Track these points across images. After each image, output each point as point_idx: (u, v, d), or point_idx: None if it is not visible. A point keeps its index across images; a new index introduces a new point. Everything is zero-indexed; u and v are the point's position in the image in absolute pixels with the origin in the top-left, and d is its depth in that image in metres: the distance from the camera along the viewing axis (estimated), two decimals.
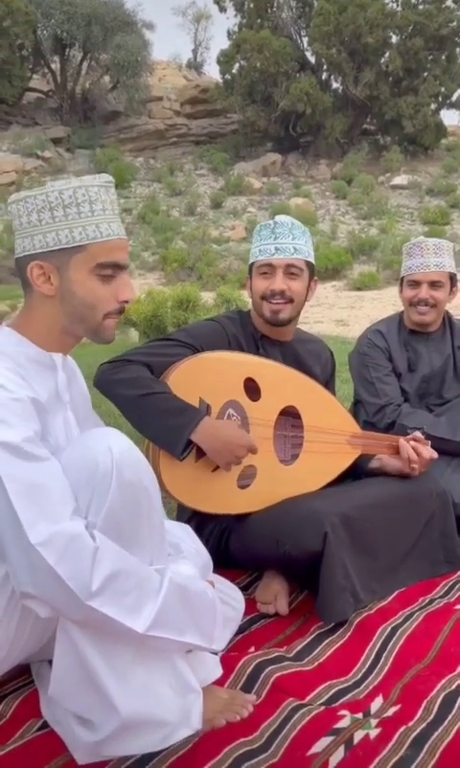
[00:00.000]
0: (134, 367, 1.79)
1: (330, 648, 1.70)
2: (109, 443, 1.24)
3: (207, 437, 1.70)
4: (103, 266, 1.34)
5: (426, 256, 2.49)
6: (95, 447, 1.24)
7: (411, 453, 2.01)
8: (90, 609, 1.16)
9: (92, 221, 1.33)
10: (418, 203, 22.63)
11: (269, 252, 1.99)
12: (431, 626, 1.77)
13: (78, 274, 1.33)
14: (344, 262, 15.59)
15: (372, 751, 1.32)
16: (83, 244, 1.32)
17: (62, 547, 1.15)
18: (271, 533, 1.80)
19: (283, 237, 1.99)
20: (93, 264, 1.34)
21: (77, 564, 1.15)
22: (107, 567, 1.17)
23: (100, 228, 1.33)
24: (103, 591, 1.16)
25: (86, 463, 1.23)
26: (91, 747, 1.27)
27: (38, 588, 1.17)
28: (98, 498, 1.21)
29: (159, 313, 6.12)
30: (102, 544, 1.18)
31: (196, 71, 35.03)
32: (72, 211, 1.31)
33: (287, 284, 1.99)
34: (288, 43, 25.87)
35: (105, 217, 1.35)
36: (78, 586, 1.15)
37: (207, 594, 1.37)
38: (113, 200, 1.38)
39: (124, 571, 1.19)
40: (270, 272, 2.00)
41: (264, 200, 22.86)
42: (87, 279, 1.34)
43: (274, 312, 2.01)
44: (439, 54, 25.66)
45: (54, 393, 1.40)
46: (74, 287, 1.34)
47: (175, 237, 18.59)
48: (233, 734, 1.36)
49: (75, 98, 28.22)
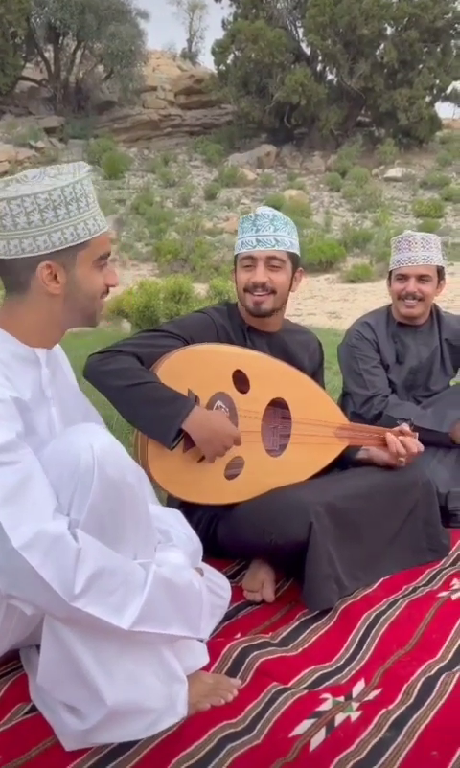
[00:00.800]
0: (124, 357, 1.80)
1: (314, 635, 1.73)
2: (90, 440, 1.23)
3: (197, 426, 1.72)
4: (101, 258, 1.37)
5: (415, 249, 2.51)
6: (76, 444, 1.24)
7: (399, 447, 2.04)
8: (74, 610, 1.17)
9: (89, 215, 1.33)
10: (412, 196, 22.63)
11: (251, 244, 2.00)
12: (414, 613, 1.81)
13: (83, 269, 1.35)
14: (338, 255, 15.60)
15: (352, 732, 1.35)
16: (87, 240, 1.33)
17: (45, 549, 1.15)
18: (258, 523, 1.83)
19: (264, 228, 2.00)
20: (95, 258, 1.36)
21: (59, 566, 1.15)
22: (90, 567, 1.17)
23: (97, 221, 1.35)
24: (86, 591, 1.17)
25: (67, 461, 1.22)
26: (79, 735, 1.29)
27: (21, 590, 1.18)
28: (80, 495, 1.21)
29: (151, 305, 6.12)
30: (84, 544, 1.18)
31: (191, 61, 34.82)
32: (73, 207, 1.30)
33: (269, 276, 2.00)
34: (284, 34, 25.76)
35: (96, 209, 1.36)
36: (61, 588, 1.15)
37: (193, 585, 1.38)
38: (92, 188, 1.39)
39: (107, 569, 1.20)
40: (252, 264, 2.02)
41: (258, 192, 22.81)
42: (90, 272, 1.36)
43: (256, 304, 2.03)
44: (434, 46, 25.61)
45: (38, 389, 1.39)
46: (80, 282, 1.35)
47: (169, 228, 18.55)
48: (218, 717, 1.39)
49: (68, 87, 28.05)
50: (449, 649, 1.65)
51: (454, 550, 2.19)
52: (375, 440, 2.09)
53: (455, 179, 23.71)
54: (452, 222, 19.79)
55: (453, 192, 21.99)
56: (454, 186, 22.80)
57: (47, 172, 1.35)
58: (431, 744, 1.32)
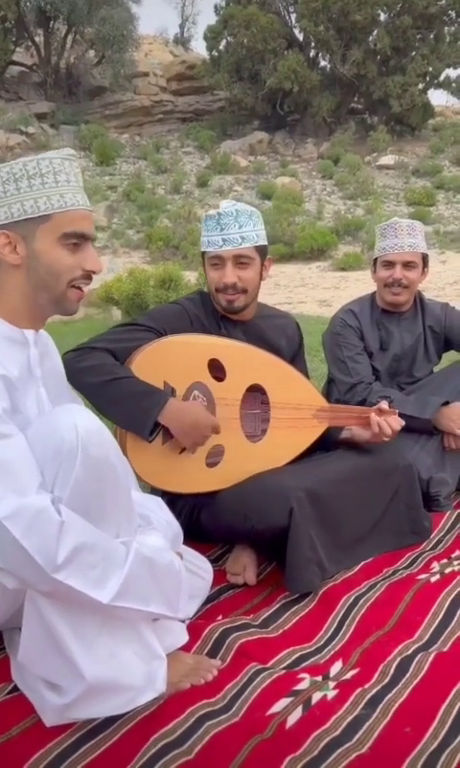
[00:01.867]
0: (97, 354, 1.81)
1: (295, 617, 1.76)
2: (75, 420, 1.25)
3: (173, 418, 1.74)
4: (68, 236, 1.36)
5: (401, 237, 2.52)
6: (60, 424, 1.26)
7: (383, 426, 2.06)
8: (56, 581, 1.19)
9: (56, 191, 1.35)
10: (404, 183, 22.60)
11: (217, 244, 2.00)
12: (393, 595, 1.83)
13: (44, 243, 1.35)
14: (329, 243, 15.59)
15: (328, 710, 1.38)
16: (49, 213, 1.34)
17: (28, 521, 1.17)
18: (239, 509, 1.85)
19: (228, 227, 1.98)
20: (59, 234, 1.36)
21: (42, 537, 1.18)
22: (73, 540, 1.20)
23: (64, 198, 1.35)
24: (68, 563, 1.19)
25: (52, 440, 1.24)
26: (58, 710, 1.32)
27: (5, 561, 1.20)
28: (63, 474, 1.23)
29: (141, 292, 6.11)
30: (67, 518, 1.20)
31: (183, 47, 34.51)
32: (36, 182, 1.33)
33: (238, 275, 2.00)
34: (276, 19, 25.57)
35: (70, 188, 1.37)
36: (43, 559, 1.17)
37: (173, 565, 1.41)
38: (77, 173, 1.41)
39: (89, 544, 1.22)
40: (220, 263, 2.01)
41: (250, 179, 22.72)
42: (53, 248, 1.36)
43: (229, 302, 2.03)
44: (427, 32, 25.48)
45: (25, 369, 1.41)
46: (40, 256, 1.36)
47: (161, 215, 18.47)
48: (197, 696, 1.42)
49: (59, 72, 27.77)
50: (426, 630, 1.68)
51: (435, 534, 2.22)
52: (354, 419, 2.11)
53: (447, 167, 23.68)
54: (444, 210, 19.79)
55: (445, 180, 21.97)
56: (446, 174, 22.77)
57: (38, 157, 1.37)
58: (405, 721, 1.35)
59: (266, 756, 1.26)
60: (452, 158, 24.37)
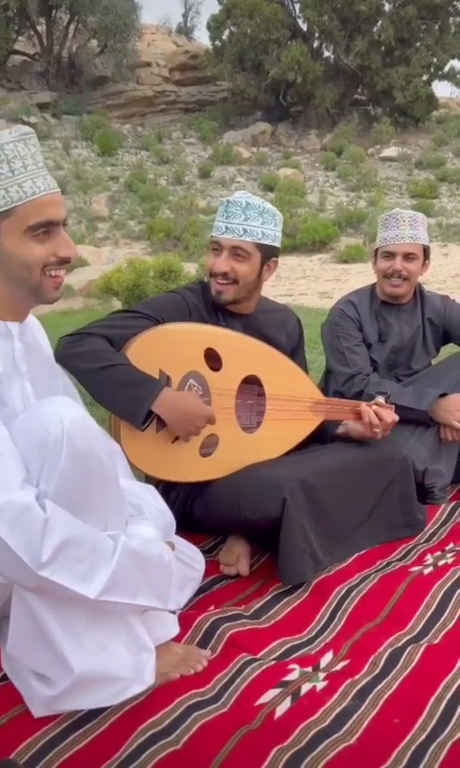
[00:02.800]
0: (93, 340, 1.79)
1: (287, 608, 1.76)
2: (60, 413, 1.24)
3: (167, 407, 1.73)
4: (34, 227, 1.29)
5: (402, 227, 2.50)
6: (45, 416, 1.24)
7: (373, 417, 2.05)
8: (41, 578, 1.18)
9: (13, 182, 1.27)
10: (407, 176, 22.49)
11: (220, 230, 1.98)
12: (386, 587, 1.83)
13: (11, 239, 1.29)
14: (331, 235, 15.53)
15: (317, 701, 1.38)
16: (9, 208, 1.27)
17: (12, 518, 1.16)
18: (232, 499, 1.85)
19: (234, 216, 1.96)
20: (24, 227, 1.29)
21: (27, 535, 1.16)
22: (58, 536, 1.18)
23: (23, 187, 1.27)
24: (53, 560, 1.18)
25: (37, 433, 1.23)
26: (47, 701, 1.31)
27: None
28: (48, 467, 1.22)
29: (141, 282, 6.10)
30: (52, 514, 1.19)
31: (186, 36, 34.28)
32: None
33: (231, 266, 1.97)
34: (280, 9, 25.39)
35: (28, 174, 1.29)
36: (28, 557, 1.16)
37: (163, 557, 1.39)
38: (34, 153, 1.31)
39: (75, 539, 1.21)
40: (219, 249, 1.99)
41: (252, 170, 22.63)
42: (22, 242, 1.30)
43: (218, 292, 2.01)
44: (432, 23, 25.29)
45: (10, 362, 1.39)
46: (9, 252, 1.30)
47: (162, 206, 18.42)
48: (186, 686, 1.42)
49: (61, 62, 27.62)
50: (418, 622, 1.68)
51: (430, 526, 2.21)
52: (350, 413, 2.10)
53: (451, 159, 23.56)
54: (447, 203, 19.71)
55: (448, 173, 21.86)
56: (450, 166, 22.65)
57: None
58: (394, 713, 1.35)
59: (254, 746, 1.26)
60: (456, 150, 24.25)
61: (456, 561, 1.97)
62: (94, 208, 18.55)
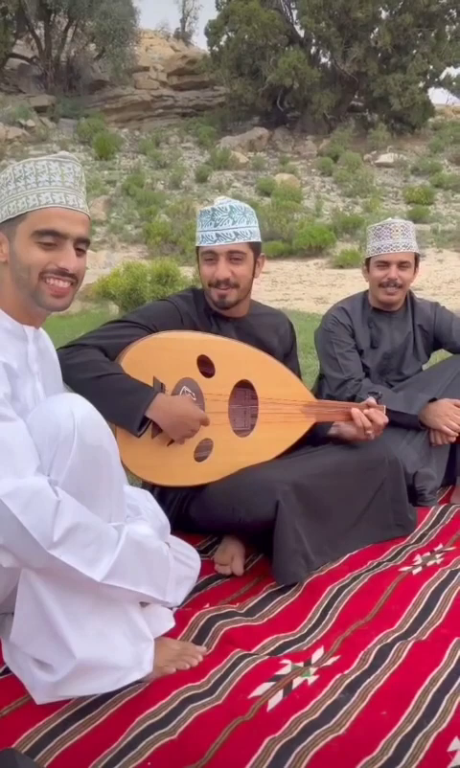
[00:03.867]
0: (88, 350, 1.86)
1: (280, 606, 1.81)
2: (72, 408, 1.32)
3: (161, 412, 1.79)
4: (40, 233, 1.40)
5: (395, 237, 2.57)
6: (58, 411, 1.32)
7: (365, 420, 2.11)
8: (51, 558, 1.25)
9: (34, 191, 1.41)
10: (403, 182, 22.59)
11: (211, 239, 2.03)
12: (376, 586, 1.89)
13: (21, 240, 1.41)
14: (327, 240, 15.60)
15: (308, 694, 1.43)
16: (24, 213, 1.40)
17: (26, 499, 1.23)
18: (227, 502, 1.90)
19: (222, 223, 2.02)
20: (31, 231, 1.40)
21: (39, 515, 1.24)
22: (68, 519, 1.26)
23: (40, 197, 1.41)
24: (63, 541, 1.25)
25: (49, 426, 1.31)
26: (49, 687, 1.37)
27: (3, 537, 1.25)
28: (60, 458, 1.30)
29: (138, 287, 6.15)
30: (63, 498, 1.27)
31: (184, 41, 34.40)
32: (20, 184, 1.41)
33: (231, 270, 2.03)
34: (277, 16, 25.48)
35: (50, 188, 1.41)
36: (40, 535, 1.23)
37: (162, 551, 1.47)
38: (65, 173, 1.43)
39: (83, 524, 1.28)
40: (214, 258, 2.05)
41: (249, 175, 22.69)
42: (27, 245, 1.41)
43: (221, 297, 2.07)
44: (428, 31, 25.40)
45: (24, 362, 1.46)
46: (17, 253, 1.41)
47: (159, 210, 18.44)
48: (182, 680, 1.47)
49: (59, 65, 27.68)
50: (406, 620, 1.73)
51: (420, 527, 2.27)
52: (341, 414, 2.16)
53: (446, 166, 23.66)
54: (442, 209, 19.80)
55: (444, 179, 21.95)
56: (445, 173, 22.75)
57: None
58: (382, 705, 1.40)
59: (247, 736, 1.31)
60: (451, 157, 24.36)
61: (445, 562, 2.03)
62: (91, 211, 18.51)
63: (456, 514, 2.38)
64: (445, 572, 1.95)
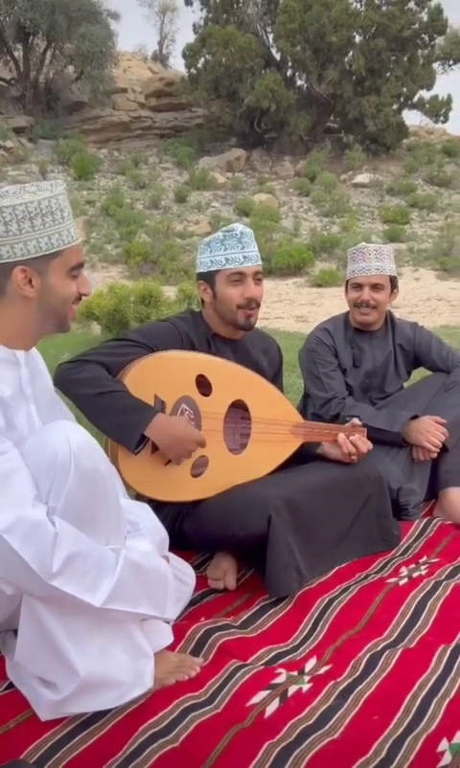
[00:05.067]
0: (92, 366, 1.93)
1: (273, 618, 1.87)
2: (67, 435, 1.37)
3: (159, 432, 1.86)
4: (74, 267, 1.50)
5: (368, 260, 2.68)
6: (54, 438, 1.37)
7: (349, 447, 2.20)
8: (52, 588, 1.30)
9: (64, 227, 1.47)
10: (379, 202, 22.98)
11: (238, 260, 2.13)
12: (365, 598, 1.96)
13: (57, 276, 1.48)
14: (306, 259, 15.81)
15: (304, 701, 1.50)
16: (60, 249, 1.47)
17: (25, 533, 1.28)
18: (221, 517, 1.97)
19: (248, 246, 2.14)
20: (68, 267, 1.49)
21: (38, 548, 1.28)
22: (66, 549, 1.30)
23: (71, 233, 1.49)
24: (63, 571, 1.30)
25: (46, 453, 1.35)
26: (53, 705, 1.41)
27: (4, 570, 1.31)
28: (57, 485, 1.34)
29: (121, 308, 6.21)
30: (61, 529, 1.31)
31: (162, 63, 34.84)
32: (48, 219, 1.44)
33: (259, 291, 2.17)
34: (254, 39, 25.94)
35: (70, 223, 1.50)
36: (40, 568, 1.28)
37: (160, 569, 1.52)
38: (69, 204, 1.53)
39: (82, 552, 1.33)
40: (241, 280, 2.14)
41: (228, 195, 22.94)
42: (63, 279, 1.49)
43: (248, 317, 2.17)
44: (401, 55, 26.01)
45: (17, 388, 1.52)
46: (54, 288, 1.48)
47: (139, 230, 18.58)
48: (182, 691, 1.53)
49: (38, 87, 27.87)
50: (395, 629, 1.81)
51: (405, 541, 2.35)
52: (328, 436, 2.24)
53: (421, 186, 24.13)
54: (418, 228, 20.16)
55: (419, 199, 22.38)
56: (420, 192, 23.20)
57: (26, 188, 1.48)
58: (374, 710, 1.47)
59: (246, 742, 1.37)
60: (426, 177, 24.85)
61: (429, 573, 2.11)
62: None
63: (439, 527, 2.47)
64: (430, 582, 2.03)
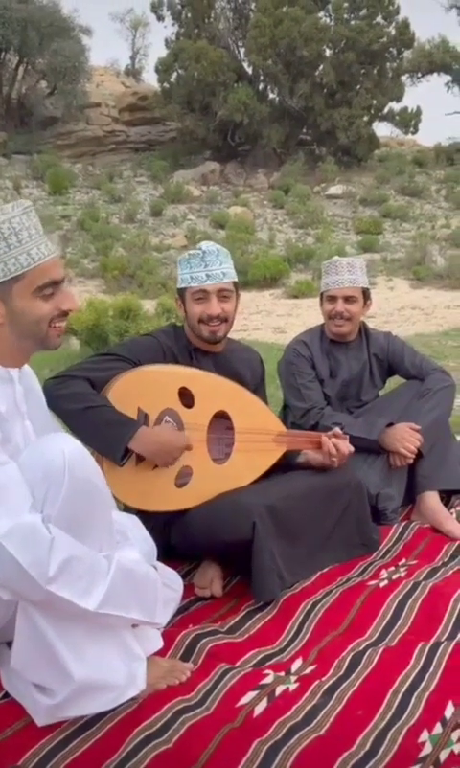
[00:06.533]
0: (76, 382, 1.99)
1: (259, 623, 1.94)
2: (62, 446, 1.43)
3: (143, 444, 1.92)
4: (42, 288, 1.50)
5: (341, 273, 2.78)
6: (49, 449, 1.43)
7: (331, 448, 2.27)
8: (48, 592, 1.35)
9: (22, 250, 1.46)
10: (352, 212, 23.26)
11: (201, 279, 2.21)
12: (347, 600, 2.03)
13: (22, 300, 1.50)
14: (281, 271, 15.96)
15: (291, 700, 1.56)
16: (20, 273, 1.48)
17: (22, 538, 1.34)
18: (207, 524, 2.03)
19: (212, 264, 2.21)
20: (33, 288, 1.50)
21: (35, 553, 1.34)
22: (61, 555, 1.36)
23: (31, 254, 1.48)
24: (58, 576, 1.35)
25: (42, 463, 1.41)
26: (50, 710, 1.46)
27: (2, 576, 1.36)
28: (52, 493, 1.40)
29: (101, 323, 6.26)
30: (56, 535, 1.37)
31: (135, 78, 35.05)
32: (1, 245, 1.45)
33: (222, 307, 2.22)
34: (226, 54, 26.24)
35: (33, 242, 1.48)
36: (37, 572, 1.34)
37: (150, 575, 1.59)
38: (36, 223, 1.51)
39: (76, 558, 1.39)
40: (205, 297, 2.22)
41: (203, 208, 23.09)
42: (31, 301, 1.50)
43: (212, 333, 2.24)
44: (371, 68, 26.45)
45: (12, 404, 1.58)
46: (21, 311, 1.50)
47: (115, 244, 18.63)
48: (173, 695, 1.58)
49: (11, 103, 27.89)
50: (376, 629, 1.88)
51: (384, 544, 2.42)
52: (310, 443, 2.32)
53: (393, 196, 24.47)
54: (391, 238, 20.43)
55: (391, 209, 22.69)
56: (392, 203, 23.52)
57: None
58: (357, 706, 1.54)
59: (237, 741, 1.43)
60: (398, 188, 25.21)
61: (408, 575, 2.18)
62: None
63: (417, 531, 2.55)
64: (408, 584, 2.10)
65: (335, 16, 26.16)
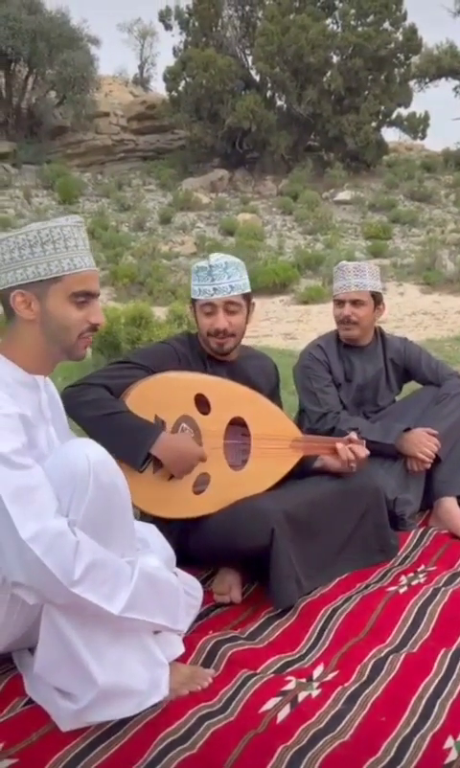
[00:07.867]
0: (95, 389, 2.01)
1: (279, 629, 1.94)
2: (86, 451, 1.45)
3: (164, 450, 1.94)
4: (76, 294, 1.56)
5: (348, 277, 2.79)
6: (74, 455, 1.45)
7: (349, 454, 2.27)
8: (73, 595, 1.37)
9: (67, 255, 1.54)
10: (361, 218, 23.25)
11: (208, 292, 2.22)
12: (366, 606, 2.02)
13: (55, 301, 1.55)
14: (291, 277, 15.96)
15: (314, 706, 1.56)
16: (60, 276, 1.54)
17: (48, 541, 1.35)
18: (225, 531, 2.03)
19: (219, 278, 2.21)
20: (69, 293, 1.55)
21: (61, 556, 1.35)
22: (87, 558, 1.38)
23: (73, 261, 1.55)
24: (83, 579, 1.37)
25: (67, 469, 1.43)
26: (73, 715, 1.47)
27: (29, 577, 1.37)
28: (77, 499, 1.42)
29: (113, 330, 6.27)
30: (81, 539, 1.38)
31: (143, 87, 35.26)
32: (49, 247, 1.53)
33: (229, 321, 2.23)
34: (233, 62, 26.37)
35: (78, 252, 1.57)
36: (62, 575, 1.35)
37: (171, 581, 1.60)
38: (84, 238, 1.60)
39: (101, 562, 1.40)
40: (212, 311, 2.23)
41: (212, 216, 23.15)
42: (63, 305, 1.56)
43: (220, 345, 2.26)
44: (378, 74, 26.52)
45: (37, 410, 1.60)
46: (52, 312, 1.55)
47: (125, 252, 18.70)
48: (196, 701, 1.58)
49: (20, 113, 28.12)
50: (397, 635, 1.87)
51: (403, 550, 2.42)
52: (326, 449, 2.32)
53: (402, 201, 24.47)
54: (400, 243, 20.40)
55: (401, 215, 22.68)
56: (401, 208, 23.52)
57: (39, 223, 1.57)
58: (381, 712, 1.54)
59: (261, 746, 1.43)
60: (406, 193, 25.20)
61: (428, 580, 2.18)
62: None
63: (435, 536, 2.54)
64: (428, 590, 2.10)
65: (343, 23, 26.27)
